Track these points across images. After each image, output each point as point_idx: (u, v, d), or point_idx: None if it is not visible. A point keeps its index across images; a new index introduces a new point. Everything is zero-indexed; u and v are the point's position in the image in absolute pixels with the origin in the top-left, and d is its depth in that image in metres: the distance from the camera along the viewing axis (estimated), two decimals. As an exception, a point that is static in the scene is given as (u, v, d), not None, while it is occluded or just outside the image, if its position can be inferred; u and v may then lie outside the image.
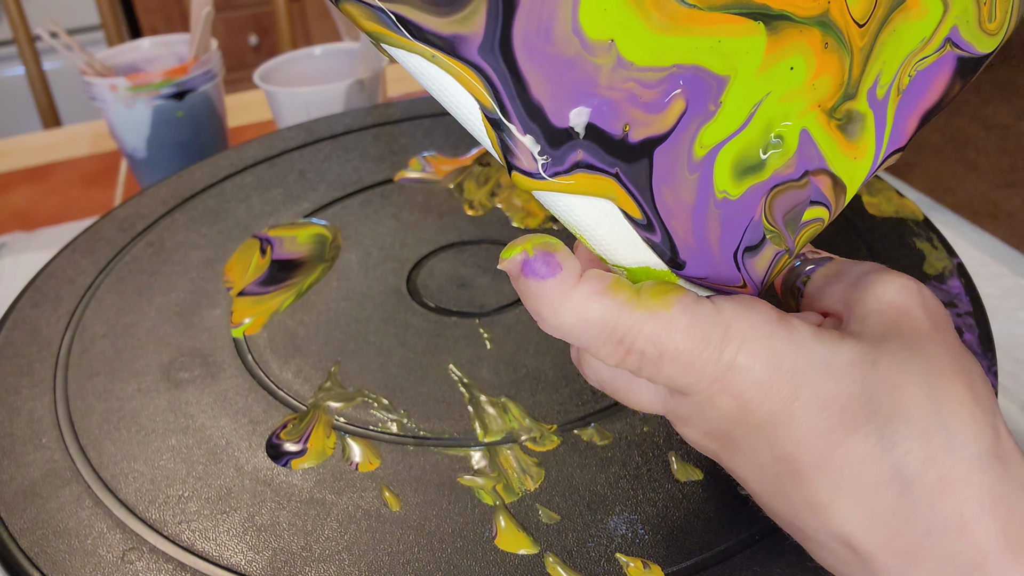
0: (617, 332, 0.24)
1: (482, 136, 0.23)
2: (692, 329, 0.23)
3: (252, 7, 2.19)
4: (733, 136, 0.25)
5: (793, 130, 0.26)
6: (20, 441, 0.37)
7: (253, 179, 0.54)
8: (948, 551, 0.22)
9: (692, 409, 0.25)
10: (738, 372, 0.23)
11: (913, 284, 0.26)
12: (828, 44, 0.26)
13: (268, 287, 0.45)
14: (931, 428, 0.23)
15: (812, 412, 0.23)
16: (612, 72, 0.23)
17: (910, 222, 0.45)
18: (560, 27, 0.22)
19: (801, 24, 0.25)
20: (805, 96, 0.26)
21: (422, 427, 0.36)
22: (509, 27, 0.22)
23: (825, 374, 0.23)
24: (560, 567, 0.29)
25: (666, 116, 0.24)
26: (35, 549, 0.32)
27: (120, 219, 0.52)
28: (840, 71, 0.26)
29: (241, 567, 0.31)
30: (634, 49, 0.23)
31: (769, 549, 0.30)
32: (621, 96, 0.23)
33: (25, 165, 0.85)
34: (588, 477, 0.33)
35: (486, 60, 0.22)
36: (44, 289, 0.47)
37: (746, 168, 0.25)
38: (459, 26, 0.21)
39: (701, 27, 0.24)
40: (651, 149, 0.24)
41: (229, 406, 0.38)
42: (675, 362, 0.23)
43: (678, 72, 0.24)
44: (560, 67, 0.22)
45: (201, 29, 0.65)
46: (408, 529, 0.31)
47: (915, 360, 0.24)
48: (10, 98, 1.94)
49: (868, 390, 0.23)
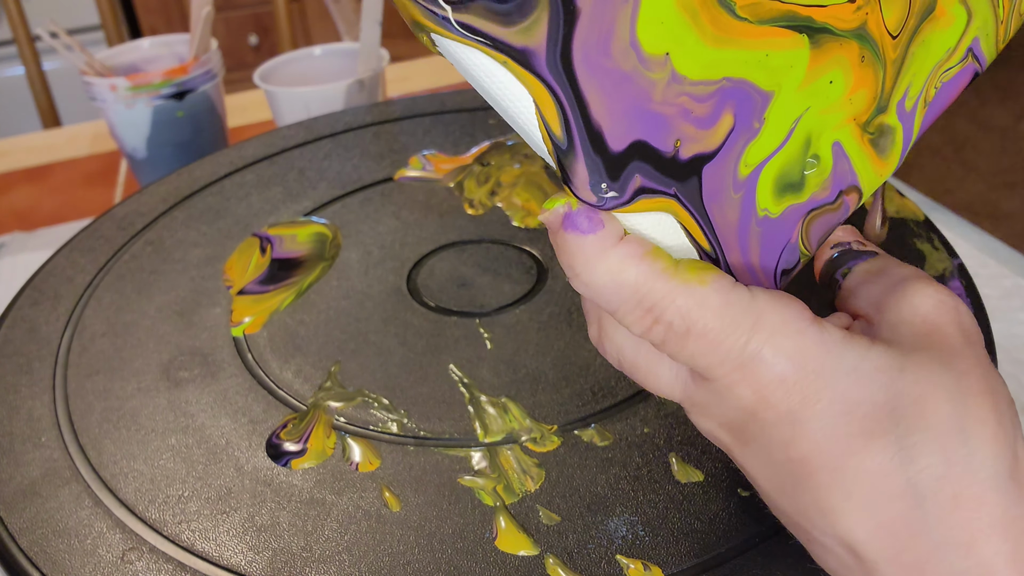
0: (648, 299, 0.23)
1: (532, 137, 0.23)
2: (723, 310, 0.23)
3: (252, 7, 2.19)
4: (775, 153, 0.25)
5: (827, 144, 0.26)
6: (19, 440, 0.37)
7: (253, 177, 0.54)
8: (955, 568, 0.22)
9: (710, 396, 0.24)
10: (762, 363, 0.23)
11: (951, 300, 0.25)
12: (864, 57, 0.26)
13: (268, 286, 0.45)
14: (952, 444, 0.23)
15: (833, 416, 0.23)
16: (666, 87, 0.23)
17: (911, 222, 0.45)
18: (618, 40, 0.22)
19: (841, 37, 0.25)
20: (842, 110, 0.26)
21: (422, 427, 0.36)
22: (570, 39, 0.21)
23: (850, 379, 0.23)
24: (560, 568, 0.29)
25: (716, 132, 0.24)
26: (34, 548, 0.32)
27: (119, 217, 0.52)
28: (875, 84, 0.26)
29: (241, 567, 0.31)
30: (687, 63, 0.23)
31: (769, 552, 0.30)
32: (674, 111, 0.23)
33: (25, 165, 0.85)
34: (588, 478, 0.33)
35: (552, 74, 0.22)
36: (43, 288, 0.46)
37: (786, 185, 0.26)
38: (524, 37, 0.21)
39: (751, 40, 0.24)
40: (700, 166, 0.24)
41: (229, 406, 0.38)
42: (701, 340, 0.23)
43: (728, 86, 0.24)
44: (617, 82, 0.22)
45: (201, 29, 0.65)
46: (408, 530, 0.31)
47: (943, 374, 0.23)
48: (10, 98, 1.94)
49: (892, 399, 0.23)
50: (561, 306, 0.42)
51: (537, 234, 0.47)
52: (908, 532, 0.22)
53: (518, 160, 0.53)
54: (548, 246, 0.46)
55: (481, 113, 0.59)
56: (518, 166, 0.53)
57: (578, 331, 0.40)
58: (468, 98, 0.61)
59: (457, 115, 0.60)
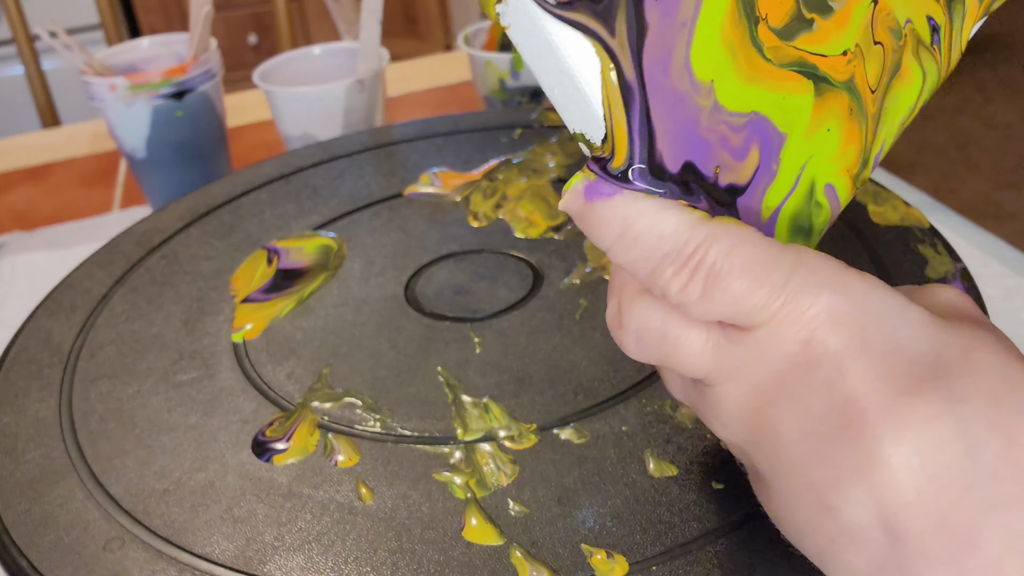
0: (691, 243, 0.23)
1: (586, 102, 0.23)
2: (765, 246, 0.23)
3: (252, 7, 2.21)
4: (788, 196, 0.26)
5: (821, 190, 0.27)
6: (23, 440, 0.38)
7: (268, 195, 0.56)
8: (1011, 530, 0.20)
9: (748, 352, 0.23)
10: (807, 296, 0.22)
11: (966, 295, 0.26)
12: (852, 110, 0.27)
13: (270, 294, 0.46)
14: (1002, 389, 0.22)
15: (883, 355, 0.22)
16: (711, 114, 0.24)
17: (915, 229, 0.45)
18: (676, 60, 0.23)
19: (836, 88, 0.26)
20: (838, 161, 0.27)
21: (404, 426, 0.36)
22: (640, 51, 0.23)
23: (896, 322, 0.22)
24: (525, 558, 0.29)
25: (747, 165, 0.25)
26: (24, 539, 0.33)
27: (139, 234, 0.53)
28: (861, 138, 0.27)
29: (214, 556, 0.31)
30: (726, 93, 0.24)
31: (739, 539, 0.29)
32: (715, 138, 0.24)
33: (24, 165, 0.85)
34: (561, 473, 0.33)
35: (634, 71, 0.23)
36: (61, 300, 0.48)
37: (798, 228, 0.27)
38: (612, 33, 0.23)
39: (773, 81, 0.25)
40: (735, 198, 0.25)
41: (221, 405, 0.39)
42: (745, 278, 0.23)
43: (756, 120, 0.25)
44: (673, 101, 0.23)
45: (200, 29, 0.65)
46: (378, 521, 0.32)
47: (984, 332, 0.23)
48: (9, 98, 1.94)
49: (938, 348, 0.22)
50: (552, 312, 0.42)
51: (536, 244, 0.48)
52: (959, 486, 0.21)
53: (526, 175, 0.54)
54: (545, 255, 0.47)
55: (494, 133, 0.60)
56: (525, 180, 0.53)
57: (567, 335, 0.40)
58: (482, 119, 0.62)
59: (470, 135, 0.61)
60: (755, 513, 0.30)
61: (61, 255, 0.67)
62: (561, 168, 0.54)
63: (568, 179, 0.25)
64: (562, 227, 0.49)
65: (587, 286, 0.44)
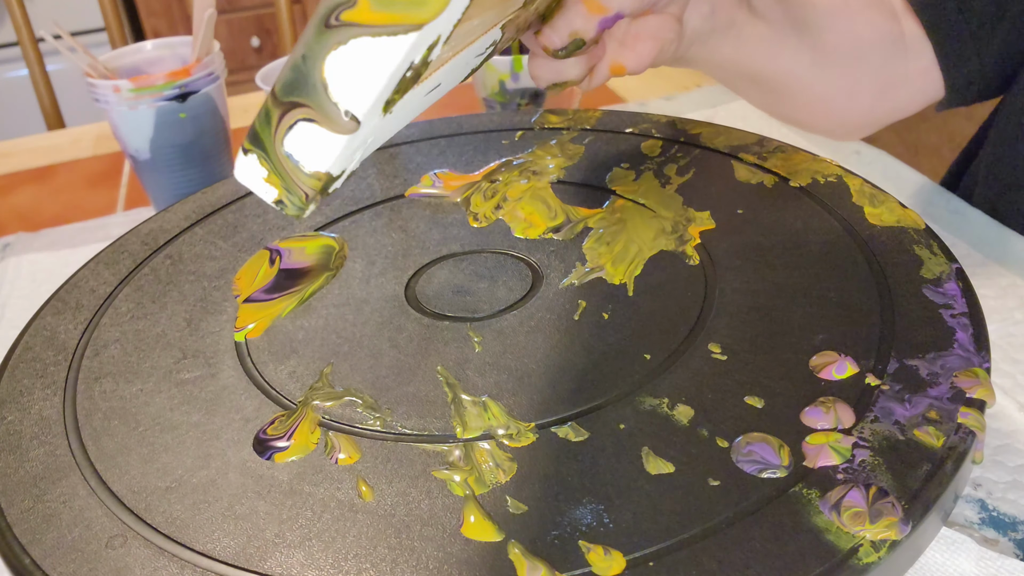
0: None
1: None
2: None
3: (254, 9, 2.22)
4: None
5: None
6: (27, 438, 0.39)
7: (270, 196, 0.56)
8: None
9: None
10: None
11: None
12: None
13: (273, 294, 0.46)
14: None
15: None
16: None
17: (911, 230, 0.45)
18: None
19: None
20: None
21: (404, 424, 0.37)
22: None
23: None
24: (522, 554, 0.30)
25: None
26: (28, 537, 0.33)
27: (144, 234, 0.54)
28: None
29: (216, 553, 0.31)
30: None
31: (735, 536, 0.29)
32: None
33: (29, 166, 0.86)
34: (559, 470, 0.33)
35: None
36: (66, 299, 0.49)
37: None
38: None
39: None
40: None
41: (223, 404, 0.39)
42: None
43: None
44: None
45: (204, 31, 0.65)
46: (378, 518, 0.32)
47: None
48: (14, 99, 1.95)
49: None
50: (551, 312, 0.42)
51: (535, 244, 0.48)
52: None
53: (526, 176, 0.54)
54: (544, 255, 0.47)
55: (495, 135, 0.60)
56: (525, 182, 0.54)
57: (565, 335, 0.41)
58: (483, 121, 0.63)
59: (472, 136, 0.61)
60: (751, 510, 0.30)
61: (65, 256, 0.67)
62: (560, 170, 0.55)
63: (568, 181, 0.26)
64: (561, 228, 0.49)
65: (586, 286, 0.44)
